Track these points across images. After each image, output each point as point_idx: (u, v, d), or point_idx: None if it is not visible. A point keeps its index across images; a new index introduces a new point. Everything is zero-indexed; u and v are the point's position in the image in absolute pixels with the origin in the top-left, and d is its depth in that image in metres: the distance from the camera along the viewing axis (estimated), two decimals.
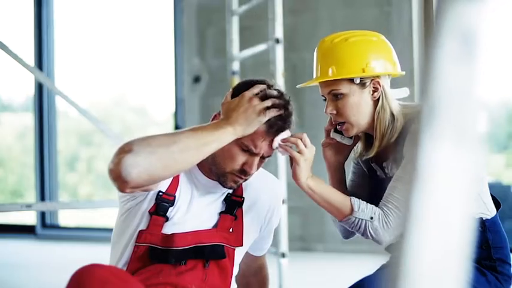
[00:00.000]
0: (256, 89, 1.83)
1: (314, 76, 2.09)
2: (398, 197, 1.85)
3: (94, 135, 8.26)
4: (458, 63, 0.51)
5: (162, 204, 1.85)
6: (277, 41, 3.75)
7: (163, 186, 1.86)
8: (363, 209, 1.88)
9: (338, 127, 2.03)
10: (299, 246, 5.27)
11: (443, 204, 0.50)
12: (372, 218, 1.86)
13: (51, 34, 7.23)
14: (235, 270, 1.98)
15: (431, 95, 0.50)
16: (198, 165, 1.89)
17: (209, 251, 1.87)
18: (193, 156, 1.71)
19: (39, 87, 7.00)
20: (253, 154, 1.83)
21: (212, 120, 1.90)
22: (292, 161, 1.89)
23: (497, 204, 2.05)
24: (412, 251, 0.49)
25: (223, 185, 1.88)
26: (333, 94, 1.99)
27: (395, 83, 2.12)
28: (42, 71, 6.69)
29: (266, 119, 1.79)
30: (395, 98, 2.01)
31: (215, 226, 1.93)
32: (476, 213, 1.94)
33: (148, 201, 1.86)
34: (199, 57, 6.35)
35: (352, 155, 2.19)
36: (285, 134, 1.86)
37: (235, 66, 4.35)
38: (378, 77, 1.97)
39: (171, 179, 1.87)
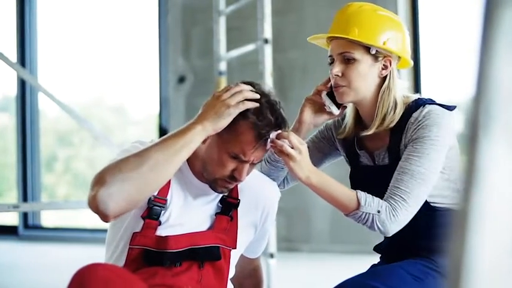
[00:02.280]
0: (229, 87, 1.83)
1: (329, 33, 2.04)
2: (406, 189, 1.84)
3: (72, 135, 8.20)
4: None
5: (155, 208, 1.84)
6: (266, 41, 3.75)
7: None
8: (370, 203, 1.86)
9: (335, 89, 1.99)
10: (285, 246, 5.27)
11: (502, 206, 0.50)
12: (379, 211, 1.85)
13: (34, 32, 7.16)
14: (232, 271, 1.97)
15: (487, 96, 0.50)
16: (190, 167, 1.89)
17: (203, 253, 1.86)
18: (165, 171, 1.70)
19: (22, 86, 6.94)
20: (242, 161, 1.81)
21: None
22: (286, 160, 1.84)
23: None
24: (472, 254, 0.48)
25: (214, 190, 1.88)
26: (344, 56, 1.96)
27: None
28: (25, 69, 6.63)
29: (238, 111, 1.76)
30: (400, 86, 2.01)
31: (211, 227, 1.92)
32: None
33: (140, 206, 1.85)
34: (185, 57, 6.33)
35: (327, 125, 2.17)
36: (276, 133, 1.82)
37: (222, 66, 4.34)
38: (390, 56, 1.98)
39: None
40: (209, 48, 5.88)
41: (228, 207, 1.94)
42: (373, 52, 1.95)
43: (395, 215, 1.84)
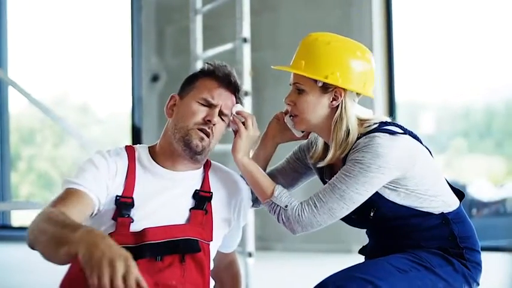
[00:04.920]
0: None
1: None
2: (322, 198, 1.93)
3: (35, 134, 8.11)
4: None
5: (123, 207, 1.89)
6: (245, 40, 3.77)
7: (118, 190, 1.91)
8: (281, 197, 1.98)
9: (290, 117, 2.09)
10: (258, 245, 5.27)
11: None
12: (286, 206, 1.97)
13: (5, 29, 7.06)
14: (211, 265, 2.00)
15: None
16: (152, 157, 1.99)
17: (184, 245, 1.89)
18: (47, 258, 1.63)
19: None
20: (212, 106, 1.96)
21: (169, 102, 2.04)
22: (236, 135, 2.03)
23: (460, 195, 2.11)
24: None
25: (189, 147, 1.94)
26: (296, 87, 2.04)
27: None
28: None
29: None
30: (355, 114, 2.03)
31: (187, 222, 1.94)
32: (436, 210, 2.00)
33: (109, 209, 1.90)
34: (158, 56, 6.29)
35: (299, 146, 2.25)
36: (239, 106, 2.05)
37: (199, 65, 4.34)
38: (342, 88, 2.00)
39: (123, 180, 1.92)
40: (183, 47, 5.86)
41: (202, 201, 1.98)
42: (320, 85, 2.00)
43: (300, 215, 1.95)
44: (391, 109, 5.54)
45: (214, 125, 1.96)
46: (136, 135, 6.36)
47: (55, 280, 1.59)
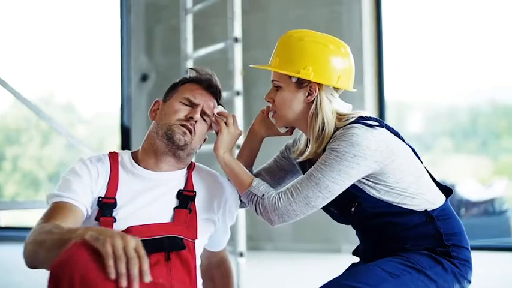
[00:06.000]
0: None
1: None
2: (298, 187, 1.94)
3: (20, 134, 8.06)
4: None
5: (105, 207, 1.90)
6: (236, 39, 3.77)
7: (101, 191, 1.93)
8: (259, 187, 2.00)
9: (270, 114, 2.13)
10: (248, 245, 5.27)
11: None
12: (263, 195, 1.98)
13: None
14: (198, 262, 2.00)
15: None
16: (135, 161, 2.02)
17: (169, 243, 1.89)
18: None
19: None
20: (194, 105, 2.03)
21: (153, 106, 2.09)
22: (218, 135, 2.08)
23: (447, 191, 2.11)
24: None
25: (172, 141, 1.98)
26: (274, 84, 2.08)
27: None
28: None
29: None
30: (332, 108, 2.03)
31: (171, 221, 1.95)
32: (418, 208, 2.00)
33: (93, 210, 1.91)
34: (147, 55, 6.27)
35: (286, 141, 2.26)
36: (221, 108, 2.12)
37: (189, 65, 4.34)
38: (317, 83, 2.01)
39: (106, 182, 1.95)
40: (173, 46, 5.84)
41: (186, 200, 1.99)
42: (294, 80, 2.02)
43: (276, 203, 1.95)
44: (381, 108, 5.55)
45: (196, 122, 2.01)
46: (126, 135, 6.34)
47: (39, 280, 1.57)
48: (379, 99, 5.55)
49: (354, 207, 2.00)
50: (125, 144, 6.27)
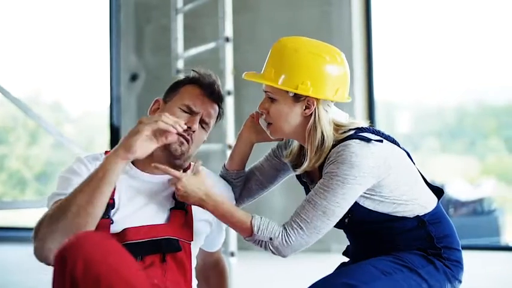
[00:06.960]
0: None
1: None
2: (306, 218, 1.90)
3: (7, 133, 8.02)
4: None
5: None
6: (227, 39, 3.78)
7: None
8: (263, 230, 1.91)
9: (264, 124, 2.07)
10: (239, 245, 5.26)
11: None
12: (271, 238, 1.90)
13: None
14: (193, 264, 2.01)
15: None
16: (134, 163, 2.00)
17: (165, 244, 1.89)
18: (89, 213, 1.73)
19: None
20: (193, 113, 2.00)
21: (153, 105, 2.08)
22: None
23: (439, 192, 2.11)
24: None
25: (169, 149, 1.96)
26: (268, 95, 2.01)
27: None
28: None
29: (154, 145, 1.84)
30: (330, 120, 2.00)
31: (167, 222, 1.95)
32: (410, 214, 2.00)
33: None
34: (137, 55, 6.26)
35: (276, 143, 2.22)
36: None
37: (180, 64, 4.34)
38: (315, 97, 1.97)
39: None
40: (163, 45, 5.83)
41: (182, 201, 1.97)
42: (291, 95, 1.97)
43: (288, 241, 1.90)
44: (370, 109, 5.57)
45: (194, 131, 1.98)
46: (115, 135, 6.32)
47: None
48: (369, 100, 5.56)
49: (348, 218, 1.99)
50: (114, 143, 6.20)
